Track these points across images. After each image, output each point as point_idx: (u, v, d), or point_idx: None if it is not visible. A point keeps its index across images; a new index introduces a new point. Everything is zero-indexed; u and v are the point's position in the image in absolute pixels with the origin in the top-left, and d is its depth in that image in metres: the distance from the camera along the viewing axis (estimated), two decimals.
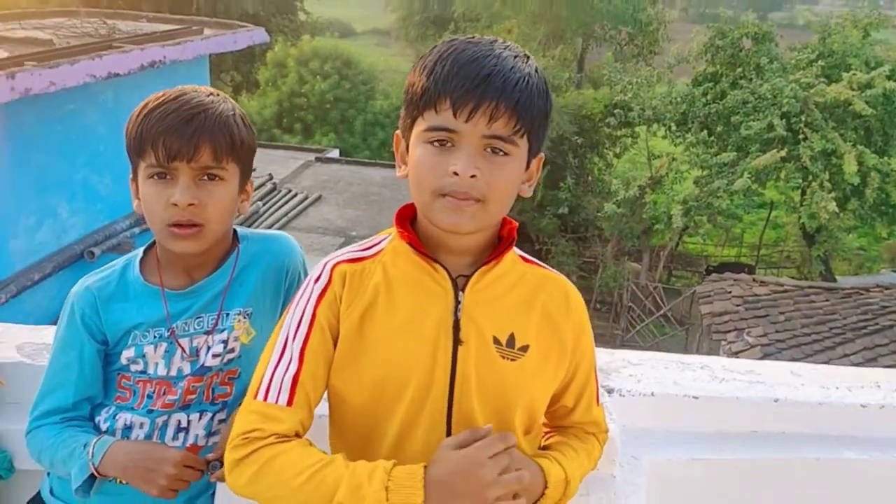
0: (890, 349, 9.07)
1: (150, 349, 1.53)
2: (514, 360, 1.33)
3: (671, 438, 1.91)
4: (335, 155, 15.47)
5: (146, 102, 1.46)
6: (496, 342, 1.33)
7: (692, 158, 15.74)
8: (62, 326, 1.54)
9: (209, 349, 1.55)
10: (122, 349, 1.53)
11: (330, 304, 1.32)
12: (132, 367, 1.54)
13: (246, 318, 1.58)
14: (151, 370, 1.54)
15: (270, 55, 22.14)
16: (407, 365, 1.30)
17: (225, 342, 1.56)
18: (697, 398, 1.93)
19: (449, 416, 1.31)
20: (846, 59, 14.82)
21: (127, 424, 1.55)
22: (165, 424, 1.56)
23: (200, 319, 1.55)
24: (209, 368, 1.56)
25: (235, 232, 1.62)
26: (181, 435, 1.57)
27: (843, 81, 13.86)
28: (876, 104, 13.81)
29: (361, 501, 1.18)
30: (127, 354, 1.53)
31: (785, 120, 14.05)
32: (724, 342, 9.96)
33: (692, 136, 16.08)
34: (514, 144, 1.23)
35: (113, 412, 1.56)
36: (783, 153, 13.78)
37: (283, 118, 21.15)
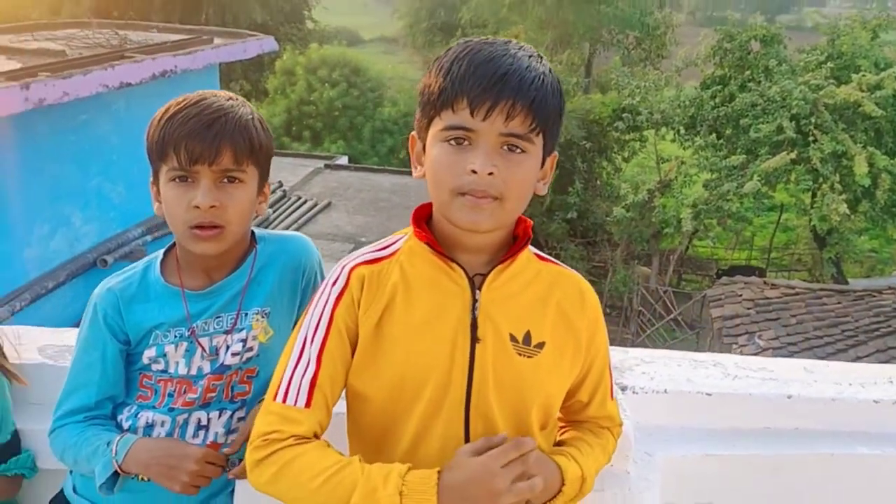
0: None
1: (170, 348, 1.56)
2: (530, 357, 1.35)
3: (685, 435, 1.92)
4: (344, 162, 15.55)
5: (167, 107, 1.49)
6: (513, 340, 1.34)
7: (701, 162, 15.68)
8: (85, 327, 1.57)
9: (228, 348, 1.58)
10: (143, 349, 1.56)
11: (347, 307, 1.34)
12: (153, 366, 1.57)
13: (264, 317, 1.61)
14: (172, 369, 1.57)
15: (279, 64, 22.25)
16: (426, 363, 1.32)
17: (244, 341, 1.59)
18: (710, 395, 1.94)
19: (467, 412, 1.33)
20: (855, 60, 14.77)
21: (148, 423, 1.58)
22: (186, 422, 1.59)
23: (220, 319, 1.58)
24: (228, 367, 1.59)
25: (253, 233, 1.65)
26: (201, 433, 1.60)
27: (852, 83, 13.80)
28: (886, 105, 13.74)
29: None
30: (148, 354, 1.56)
31: (794, 122, 13.99)
32: (735, 346, 9.93)
33: (701, 139, 16.03)
34: (530, 142, 1.25)
35: (135, 411, 1.59)
36: (793, 155, 13.72)
37: (292, 126, 21.25)
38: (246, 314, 1.59)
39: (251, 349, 1.60)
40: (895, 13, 17.43)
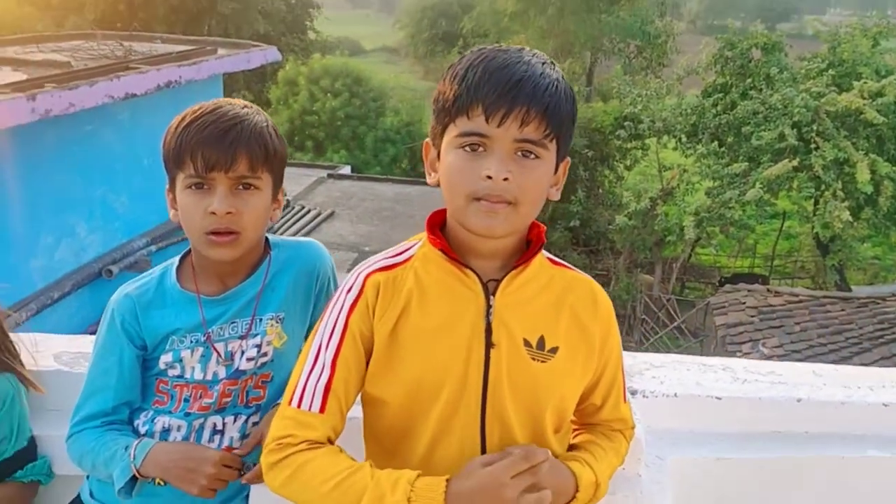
0: None
1: (186, 354, 1.57)
2: (544, 361, 1.36)
3: (695, 438, 1.93)
4: (347, 171, 15.61)
5: (184, 115, 1.51)
6: (527, 344, 1.36)
7: (703, 169, 15.71)
8: (102, 333, 1.58)
9: (243, 353, 1.60)
10: (160, 354, 1.58)
11: (362, 313, 1.35)
12: (170, 371, 1.59)
13: (278, 323, 1.62)
14: (188, 374, 1.58)
15: (281, 74, 22.35)
16: (441, 368, 1.33)
17: (258, 346, 1.61)
18: (720, 399, 1.95)
19: (483, 416, 1.34)
20: (856, 67, 14.82)
21: (165, 427, 1.59)
22: (202, 427, 1.60)
23: (235, 325, 1.59)
24: (243, 372, 1.61)
25: (267, 239, 1.67)
26: (217, 437, 1.61)
27: (853, 90, 13.84)
28: (887, 112, 13.78)
29: None
30: (165, 359, 1.58)
31: (796, 129, 14.03)
32: (739, 353, 9.91)
33: (703, 147, 16.06)
34: (544, 148, 1.27)
35: (151, 416, 1.60)
36: (795, 163, 13.75)
37: (294, 136, 21.31)
38: (260, 320, 1.61)
39: (266, 354, 1.62)
40: (895, 21, 17.45)
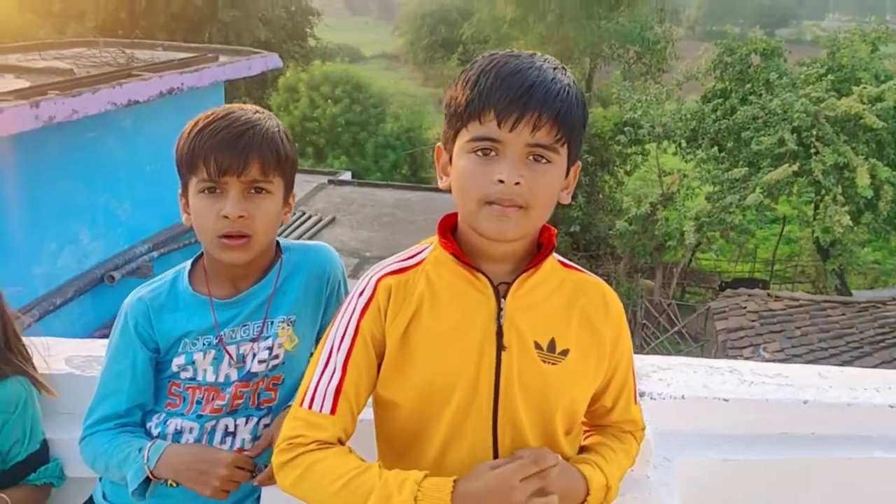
0: None
1: (199, 356, 1.59)
2: (555, 364, 1.37)
3: (702, 440, 1.95)
4: (348, 177, 15.60)
5: (196, 121, 1.53)
6: (538, 347, 1.37)
7: (703, 174, 15.72)
8: (116, 336, 1.60)
9: (255, 356, 1.61)
10: (172, 356, 1.59)
11: (374, 316, 1.36)
12: (182, 374, 1.60)
13: (289, 325, 1.64)
14: (201, 377, 1.60)
15: (282, 81, 22.38)
16: (453, 371, 1.34)
17: (270, 349, 1.62)
18: (727, 401, 1.96)
19: (494, 418, 1.35)
20: (856, 72, 14.84)
21: (177, 429, 1.61)
22: (214, 429, 1.61)
23: (246, 327, 1.61)
24: (255, 374, 1.62)
25: (278, 243, 1.69)
26: (228, 439, 1.63)
27: (853, 95, 13.85)
28: (887, 117, 13.79)
29: None
30: (177, 362, 1.59)
31: (796, 134, 14.04)
32: (739, 358, 9.91)
33: (703, 152, 16.07)
34: (555, 152, 1.28)
35: (164, 418, 1.62)
36: (795, 168, 13.76)
37: (295, 142, 21.16)
38: (272, 322, 1.62)
39: (277, 357, 1.63)
40: (894, 26, 17.51)
